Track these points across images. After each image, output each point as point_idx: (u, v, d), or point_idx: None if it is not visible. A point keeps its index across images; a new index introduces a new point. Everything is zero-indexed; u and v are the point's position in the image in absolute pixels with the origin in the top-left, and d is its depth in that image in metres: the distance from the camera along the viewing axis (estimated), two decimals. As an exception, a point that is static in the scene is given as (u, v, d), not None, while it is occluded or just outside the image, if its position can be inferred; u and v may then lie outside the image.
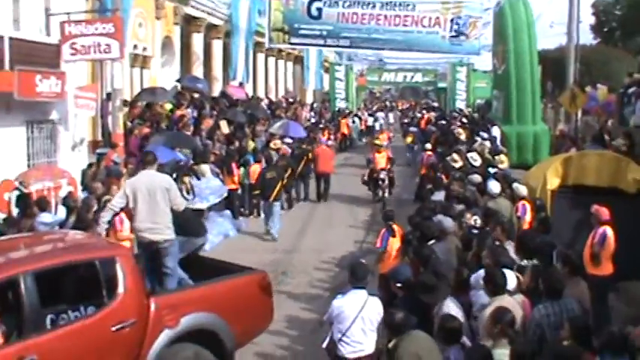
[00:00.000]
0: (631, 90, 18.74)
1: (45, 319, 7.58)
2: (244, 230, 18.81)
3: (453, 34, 34.01)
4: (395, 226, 11.48)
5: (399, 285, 7.72)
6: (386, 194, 22.48)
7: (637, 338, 6.04)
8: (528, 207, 12.45)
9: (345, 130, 35.73)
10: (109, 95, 20.01)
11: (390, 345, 6.80)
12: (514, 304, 7.08)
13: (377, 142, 25.17)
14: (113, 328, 7.71)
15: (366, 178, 23.03)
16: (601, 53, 45.06)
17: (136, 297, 8.02)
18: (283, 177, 18.99)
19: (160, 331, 8.15)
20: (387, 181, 22.65)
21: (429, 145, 23.73)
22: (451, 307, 7.34)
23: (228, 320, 8.78)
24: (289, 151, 22.99)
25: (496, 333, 6.41)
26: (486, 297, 7.48)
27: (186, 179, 16.15)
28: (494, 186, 13.18)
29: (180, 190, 12.50)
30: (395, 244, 11.04)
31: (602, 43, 50.60)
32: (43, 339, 7.23)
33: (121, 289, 7.89)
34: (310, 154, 23.49)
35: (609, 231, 10.58)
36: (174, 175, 15.04)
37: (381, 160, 22.98)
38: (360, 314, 7.38)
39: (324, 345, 7.79)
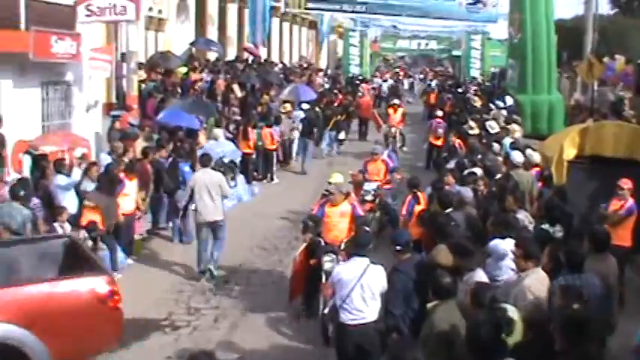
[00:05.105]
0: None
1: None
2: (257, 195, 18.84)
3: (471, 1, 33.83)
4: (419, 194, 11.45)
5: (398, 248, 7.63)
6: None
7: None
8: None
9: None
10: (123, 56, 19.95)
11: (429, 306, 6.67)
12: (546, 277, 6.97)
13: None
14: None
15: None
16: (618, 23, 44.54)
17: None
18: (337, 114, 24.66)
19: None
20: None
21: (440, 113, 23.59)
22: (482, 275, 7.31)
23: (39, 335, 7.23)
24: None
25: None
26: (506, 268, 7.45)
27: None
28: (517, 156, 13.07)
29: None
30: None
31: (620, 13, 49.97)
32: None
33: None
34: (351, 107, 27.60)
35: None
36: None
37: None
38: (360, 282, 7.28)
39: (326, 311, 7.78)
